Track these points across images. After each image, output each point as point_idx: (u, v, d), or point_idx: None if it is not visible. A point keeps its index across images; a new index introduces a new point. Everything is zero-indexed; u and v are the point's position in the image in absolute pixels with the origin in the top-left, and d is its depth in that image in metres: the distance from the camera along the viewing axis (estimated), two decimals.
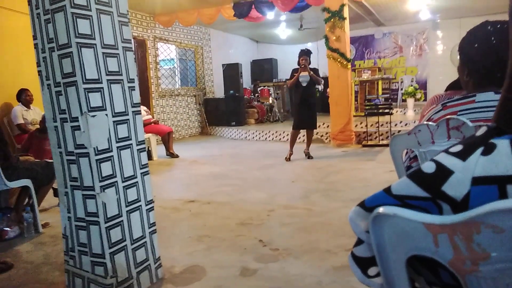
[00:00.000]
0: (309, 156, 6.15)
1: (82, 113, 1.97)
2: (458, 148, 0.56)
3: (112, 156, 2.10)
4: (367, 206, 0.59)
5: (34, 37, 2.11)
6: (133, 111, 2.22)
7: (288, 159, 6.07)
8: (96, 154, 2.01)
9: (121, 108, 2.15)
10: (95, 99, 2.01)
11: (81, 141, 2.02)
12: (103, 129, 2.05)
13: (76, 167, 2.08)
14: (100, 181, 2.04)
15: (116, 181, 2.12)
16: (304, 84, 5.87)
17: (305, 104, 5.96)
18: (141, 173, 2.28)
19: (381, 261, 0.59)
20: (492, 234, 0.45)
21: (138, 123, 2.26)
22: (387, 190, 0.58)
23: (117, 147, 2.13)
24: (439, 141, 1.23)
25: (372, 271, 0.64)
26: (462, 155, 0.54)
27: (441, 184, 0.53)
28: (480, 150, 0.53)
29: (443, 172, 0.54)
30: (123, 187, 2.16)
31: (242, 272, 2.40)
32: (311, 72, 5.81)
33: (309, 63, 5.88)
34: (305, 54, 5.91)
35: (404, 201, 0.56)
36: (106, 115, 2.07)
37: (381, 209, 0.55)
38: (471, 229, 0.47)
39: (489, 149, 0.52)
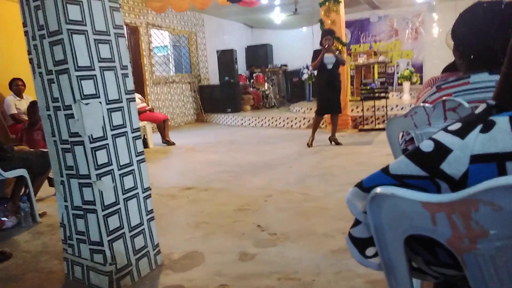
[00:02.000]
0: (337, 142, 5.83)
1: (75, 101, 1.95)
2: (457, 126, 0.55)
3: (107, 144, 2.09)
4: (365, 186, 0.59)
5: (24, 24, 2.07)
6: (127, 98, 2.20)
7: (310, 145, 5.82)
8: (91, 142, 2.00)
9: (115, 95, 2.12)
10: (88, 87, 1.98)
11: (75, 129, 2.00)
12: (97, 117, 2.03)
13: (71, 155, 2.06)
14: (96, 169, 2.03)
15: (112, 169, 2.11)
16: (329, 67, 5.57)
17: (330, 87, 5.65)
18: (137, 161, 2.27)
19: (379, 241, 0.59)
20: (491, 211, 0.45)
21: (133, 111, 2.24)
22: (385, 170, 0.57)
23: (112, 135, 2.11)
24: (435, 122, 1.22)
25: (369, 251, 0.64)
26: (461, 133, 0.53)
27: (440, 162, 0.53)
28: (479, 127, 0.52)
29: (442, 151, 0.53)
30: (120, 175, 2.15)
31: (240, 257, 2.41)
32: (336, 53, 5.57)
33: (333, 43, 5.61)
34: (329, 33, 5.60)
35: (402, 180, 0.56)
36: (100, 102, 2.04)
37: (378, 189, 0.54)
38: (469, 207, 0.46)
39: (488, 126, 0.52)
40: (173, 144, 6.88)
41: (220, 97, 9.93)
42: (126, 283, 2.14)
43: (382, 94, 6.85)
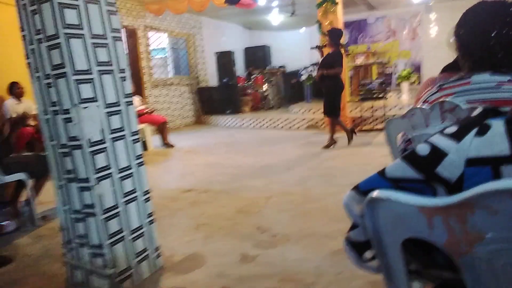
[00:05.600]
0: (326, 145, 5.81)
1: (73, 105, 1.95)
2: (453, 129, 0.56)
3: (106, 147, 2.09)
4: (362, 190, 0.59)
5: (22, 29, 2.07)
6: (125, 102, 2.20)
7: (325, 146, 5.81)
8: (89, 146, 2.00)
9: (113, 99, 2.12)
10: (86, 91, 1.99)
11: (74, 133, 2.00)
12: (95, 120, 2.03)
13: (70, 159, 2.06)
14: (95, 173, 2.02)
15: (111, 173, 2.11)
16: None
17: (322, 88, 5.88)
18: (136, 164, 2.27)
19: (376, 244, 0.59)
20: (487, 215, 0.45)
21: (131, 114, 2.24)
22: (381, 173, 0.57)
23: (111, 139, 2.11)
24: (433, 124, 1.22)
25: (367, 254, 0.65)
26: (457, 137, 0.53)
27: (435, 166, 0.53)
28: (474, 131, 0.52)
29: (437, 154, 0.53)
30: (119, 178, 2.15)
31: (241, 258, 2.41)
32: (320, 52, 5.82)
33: (325, 44, 5.82)
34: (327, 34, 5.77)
35: (398, 184, 0.56)
36: (98, 106, 2.04)
37: (375, 194, 0.54)
38: (465, 210, 0.46)
39: (483, 130, 0.52)
40: (172, 146, 6.88)
41: (219, 98, 9.94)
42: (127, 287, 2.14)
43: (381, 95, 6.86)
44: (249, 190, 3.91)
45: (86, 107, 1.98)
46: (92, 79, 2.01)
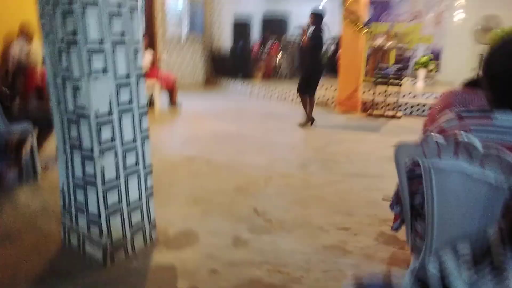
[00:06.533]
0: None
1: (83, 75, 1.91)
2: (469, 260, 0.53)
3: (113, 119, 2.07)
4: None
5: None
6: (136, 74, 2.15)
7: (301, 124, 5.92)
8: (96, 117, 1.98)
9: (124, 71, 2.08)
10: (98, 61, 1.94)
11: (82, 102, 1.97)
12: (104, 92, 2.00)
13: (76, 127, 2.05)
14: (100, 145, 2.02)
15: (116, 145, 2.10)
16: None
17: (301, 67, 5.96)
18: (141, 138, 2.25)
19: None
20: None
21: (141, 87, 2.20)
22: None
23: (119, 111, 2.09)
24: (446, 156, 1.19)
25: None
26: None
27: None
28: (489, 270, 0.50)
29: None
30: (123, 151, 2.14)
31: (234, 241, 2.45)
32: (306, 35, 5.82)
33: (309, 25, 5.89)
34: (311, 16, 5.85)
35: None
36: (109, 77, 2.00)
37: None
38: None
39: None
40: (180, 106, 6.84)
41: (232, 61, 9.75)
42: (120, 257, 2.19)
43: (396, 81, 6.70)
44: (251, 166, 3.92)
45: (97, 78, 1.95)
46: (104, 49, 1.96)
